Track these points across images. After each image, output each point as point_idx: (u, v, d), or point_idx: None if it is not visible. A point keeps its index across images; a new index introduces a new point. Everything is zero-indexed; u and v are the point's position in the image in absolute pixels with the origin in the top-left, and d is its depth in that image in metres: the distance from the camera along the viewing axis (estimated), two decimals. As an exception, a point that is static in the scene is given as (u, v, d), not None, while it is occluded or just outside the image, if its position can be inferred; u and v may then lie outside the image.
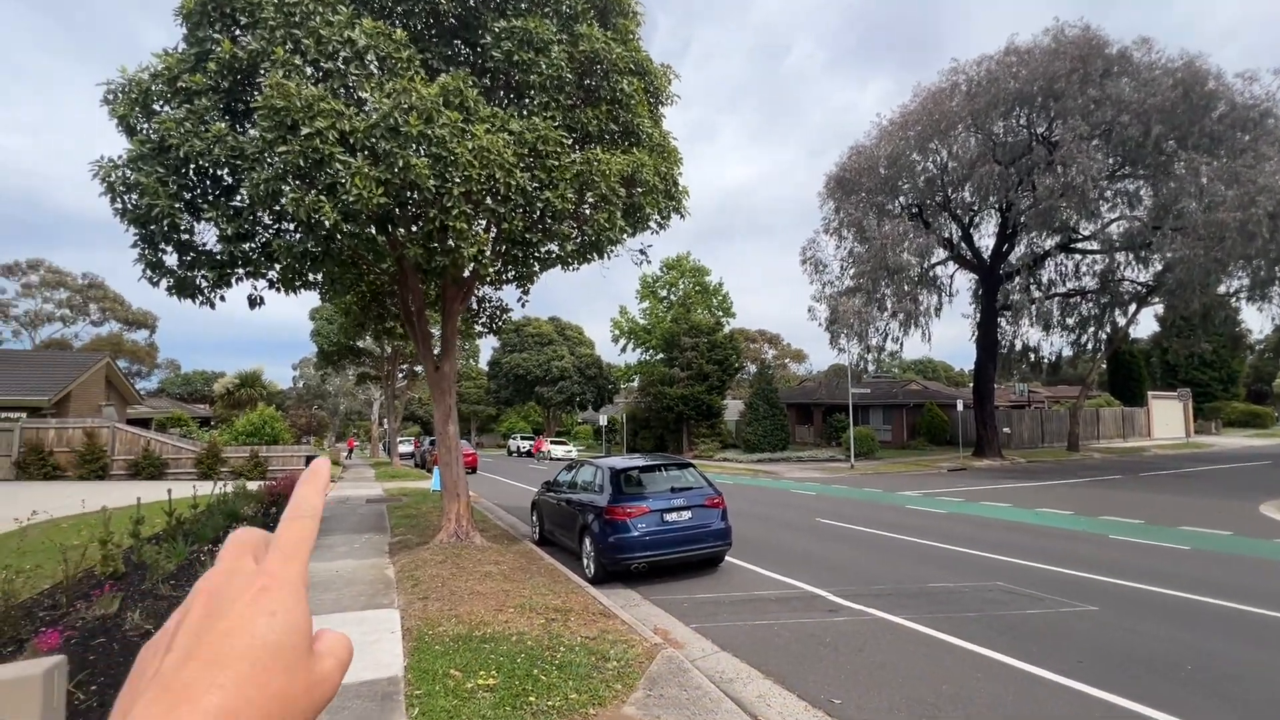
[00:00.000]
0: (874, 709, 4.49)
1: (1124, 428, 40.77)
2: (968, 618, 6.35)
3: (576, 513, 9.04)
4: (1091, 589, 7.30)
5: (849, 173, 28.36)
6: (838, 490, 18.27)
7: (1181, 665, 5.09)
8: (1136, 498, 15.32)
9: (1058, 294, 29.33)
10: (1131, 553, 9.26)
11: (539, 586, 7.35)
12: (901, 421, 36.73)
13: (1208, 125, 22.02)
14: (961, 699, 4.59)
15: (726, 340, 38.03)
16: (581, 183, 7.53)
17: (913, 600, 7.00)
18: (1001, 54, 24.86)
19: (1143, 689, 4.65)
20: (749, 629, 6.25)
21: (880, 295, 27.09)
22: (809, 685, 4.89)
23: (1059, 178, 22.58)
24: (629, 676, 4.81)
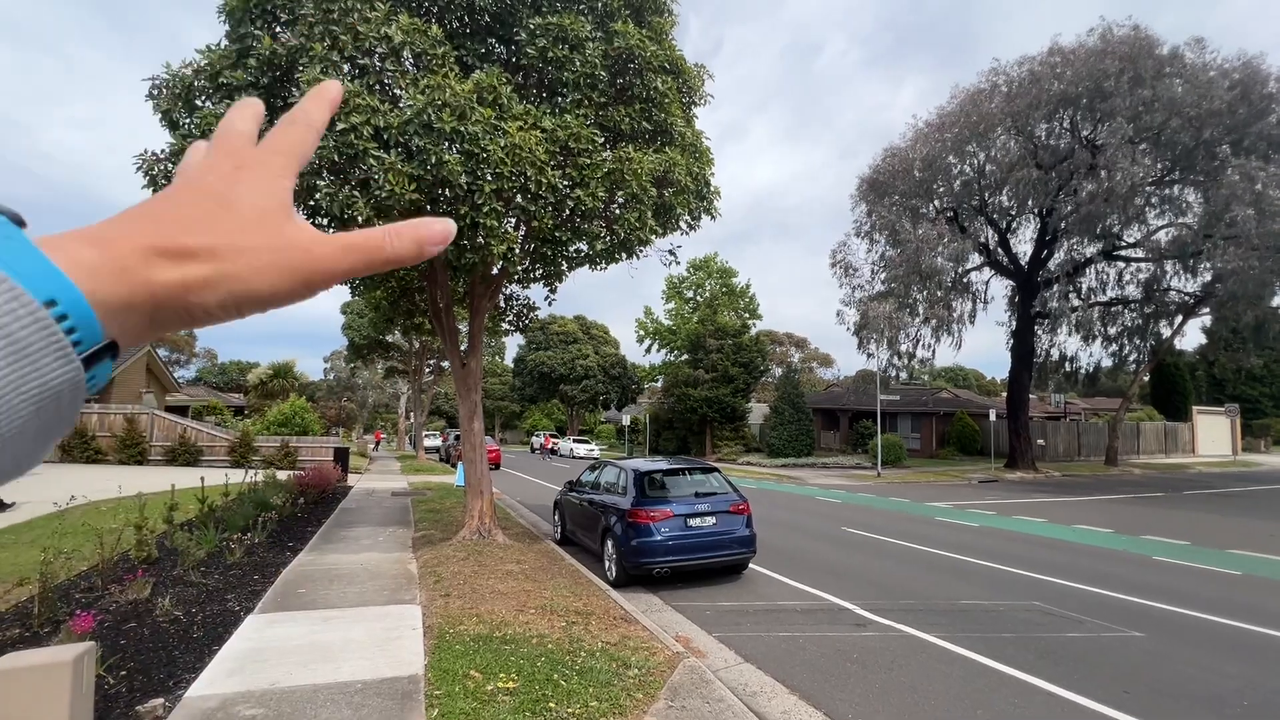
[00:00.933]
0: (905, 732, 4.32)
1: (1166, 443, 39.27)
2: (1003, 639, 6.10)
3: (599, 514, 8.97)
4: (1135, 613, 6.97)
5: (882, 175, 27.83)
6: (864, 499, 17.91)
7: (1236, 701, 4.80)
8: (1180, 517, 14.68)
9: (1098, 303, 28.36)
10: (1177, 576, 8.84)
11: (560, 588, 7.30)
12: (931, 430, 35.93)
13: (1265, 129, 21.05)
14: (998, 726, 4.38)
15: (752, 343, 37.66)
16: (612, 181, 7.46)
17: (944, 617, 6.77)
18: (1045, 54, 24.12)
19: (1195, 724, 4.38)
20: (773, 640, 6.10)
21: (912, 300, 26.52)
22: (836, 704, 4.73)
23: (1103, 183, 21.81)
24: (650, 686, 4.71)
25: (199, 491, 10.71)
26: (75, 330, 0.34)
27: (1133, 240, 25.93)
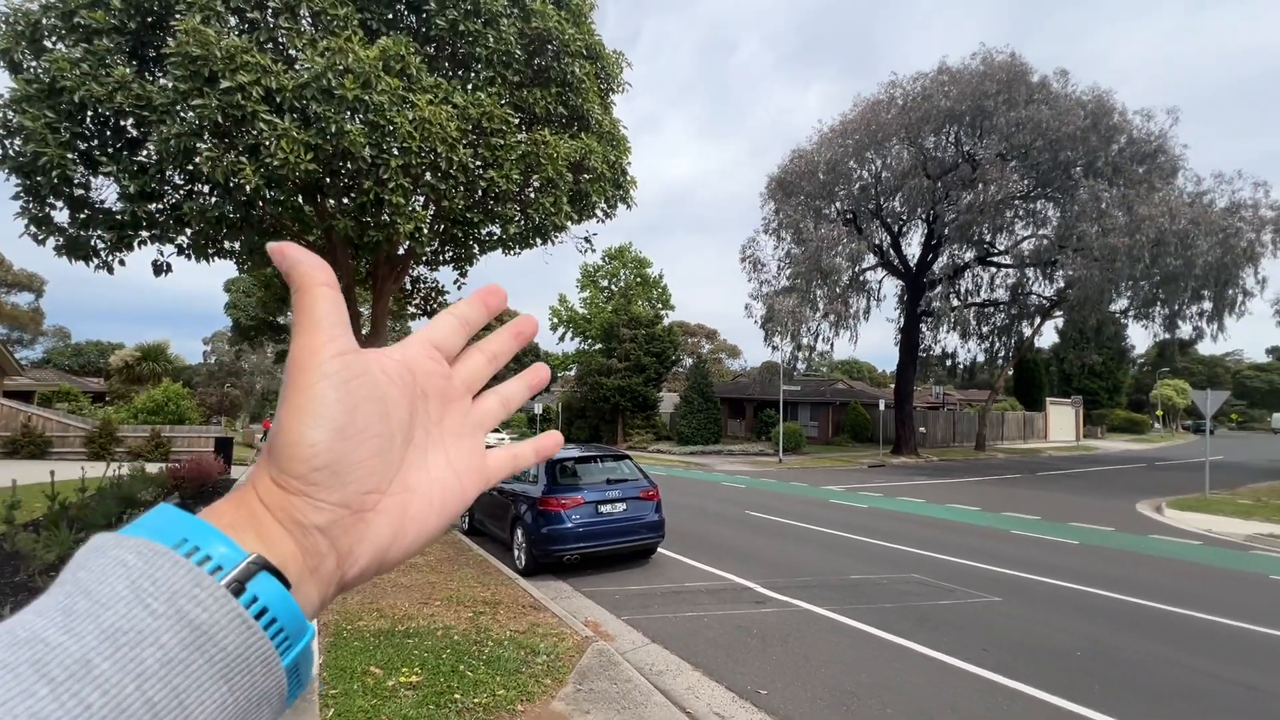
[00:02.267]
0: (798, 699, 4.63)
1: (1025, 430, 44.12)
2: (886, 609, 6.66)
3: (508, 503, 8.85)
4: (996, 580, 7.83)
5: (790, 175, 29.08)
6: (766, 484, 18.81)
7: (1072, 653, 5.53)
8: (1034, 495, 16.60)
9: (974, 304, 31.28)
10: (1029, 547, 10.01)
11: (467, 578, 7.15)
12: (828, 418, 38.24)
13: (1110, 155, 23.97)
14: (879, 687, 4.80)
15: (665, 333, 38.32)
16: (528, 164, 7.32)
17: (835, 592, 7.28)
18: (935, 73, 26.10)
19: (1038, 674, 5.01)
20: (680, 621, 6.31)
21: (813, 296, 28.00)
22: (737, 676, 4.98)
23: (979, 194, 24.02)
24: (559, 671, 4.74)
25: (47, 488, 9.47)
26: (282, 632, 0.30)
27: (1003, 248, 28.77)
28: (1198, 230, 21.27)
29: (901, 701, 4.57)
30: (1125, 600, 7.10)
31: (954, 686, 4.83)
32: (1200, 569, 8.82)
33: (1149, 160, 24.11)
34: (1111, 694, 4.70)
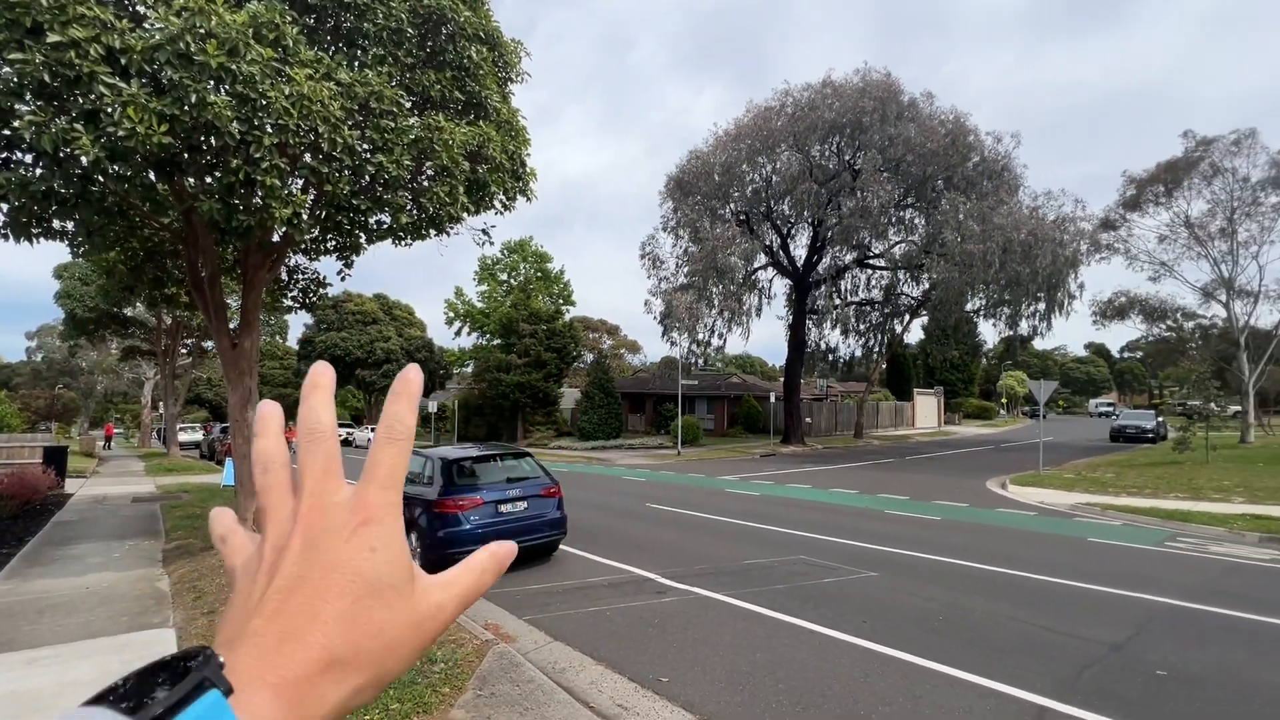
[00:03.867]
0: (698, 683, 4.80)
1: (896, 419, 48.39)
2: (777, 590, 7.06)
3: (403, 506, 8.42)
4: (872, 557, 8.55)
5: (687, 175, 29.84)
6: (666, 476, 19.26)
7: (935, 617, 6.17)
8: (904, 477, 18.27)
9: (854, 302, 33.79)
10: (900, 524, 11.01)
11: (356, 589, 6.71)
12: (723, 411, 39.78)
13: (966, 171, 26.79)
14: (772, 665, 5.08)
15: (566, 328, 38.04)
16: (420, 150, 6.96)
17: (731, 577, 7.61)
18: (820, 85, 27.83)
19: (908, 640, 5.54)
20: (582, 617, 6.32)
21: (709, 294, 28.98)
22: (639, 667, 5.08)
23: (859, 201, 25.97)
24: (458, 678, 4.59)
25: None
26: None
27: (878, 252, 31.28)
28: (1035, 240, 24.31)
29: (792, 677, 4.87)
30: (977, 567, 8.02)
31: (838, 658, 5.22)
32: (1036, 536, 10.14)
33: (997, 177, 27.19)
34: (966, 651, 5.29)
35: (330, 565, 0.37)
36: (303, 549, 0.38)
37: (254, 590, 0.37)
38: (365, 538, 0.38)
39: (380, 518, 0.39)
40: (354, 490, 0.40)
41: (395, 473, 0.41)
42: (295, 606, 0.36)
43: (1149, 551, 9.10)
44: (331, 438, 0.42)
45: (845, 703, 4.45)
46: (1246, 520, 10.81)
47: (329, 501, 0.39)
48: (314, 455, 0.41)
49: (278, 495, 0.41)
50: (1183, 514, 11.54)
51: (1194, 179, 26.02)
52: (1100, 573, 7.73)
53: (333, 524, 0.39)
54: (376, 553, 0.38)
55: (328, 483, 0.40)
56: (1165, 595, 6.79)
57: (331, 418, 0.43)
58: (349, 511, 0.39)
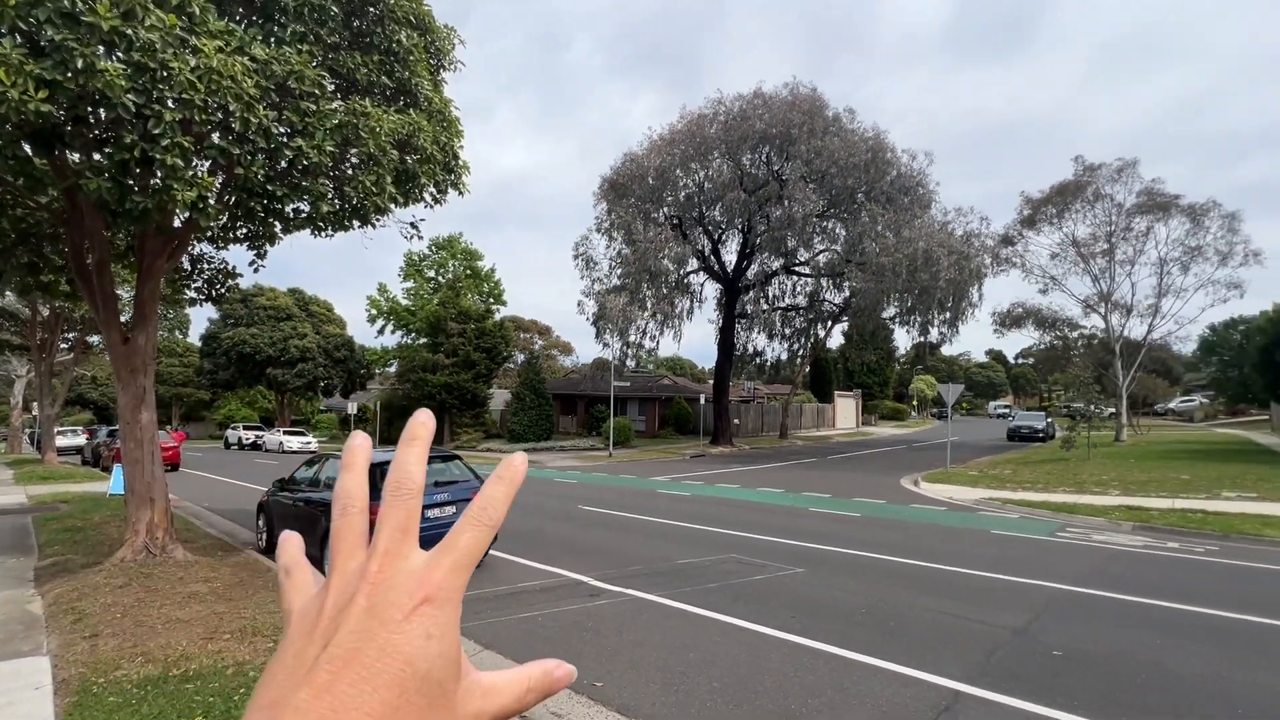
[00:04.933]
0: (633, 685, 4.77)
1: (818, 420, 50.47)
2: (709, 589, 7.15)
3: (319, 514, 7.93)
4: (799, 554, 8.83)
5: (622, 178, 29.91)
6: (597, 478, 19.17)
7: (858, 610, 6.44)
8: (826, 476, 19.05)
9: (780, 308, 34.95)
10: (824, 521, 11.46)
11: (265, 603, 6.25)
12: (654, 413, 40.11)
13: (884, 186, 28.32)
14: (705, 664, 5.13)
15: (496, 328, 37.21)
16: (345, 136, 6.57)
17: (664, 578, 7.65)
18: (752, 96, 28.63)
19: (834, 633, 5.75)
20: (513, 623, 6.16)
21: (642, 296, 29.18)
22: (574, 671, 4.99)
23: (786, 211, 26.91)
24: (382, 693, 4.34)
25: None
26: None
27: (804, 259, 32.52)
28: (944, 253, 26.01)
29: (725, 674, 4.94)
30: (895, 560, 8.45)
31: (769, 654, 5.34)
32: (946, 530, 10.82)
33: (912, 192, 28.90)
34: (887, 641, 5.55)
35: (385, 646, 0.35)
36: (364, 614, 0.36)
37: (308, 649, 0.35)
38: (424, 621, 0.36)
39: (444, 600, 0.37)
40: (425, 559, 0.38)
41: (472, 555, 0.39)
42: (344, 686, 0.33)
43: (1043, 541, 9.90)
44: (418, 496, 0.40)
45: (777, 698, 4.55)
46: (1122, 511, 11.99)
47: (400, 566, 0.37)
48: (396, 511, 0.39)
49: (350, 544, 0.39)
50: (1070, 506, 12.65)
51: (1080, 203, 28.68)
52: (1002, 562, 8.33)
53: (397, 593, 0.36)
54: (432, 641, 0.36)
55: (404, 544, 0.38)
56: (1058, 581, 7.40)
57: (423, 474, 0.41)
58: (415, 581, 0.37)
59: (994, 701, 4.43)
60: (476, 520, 0.39)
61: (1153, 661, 5.11)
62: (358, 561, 0.38)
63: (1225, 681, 4.73)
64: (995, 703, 4.41)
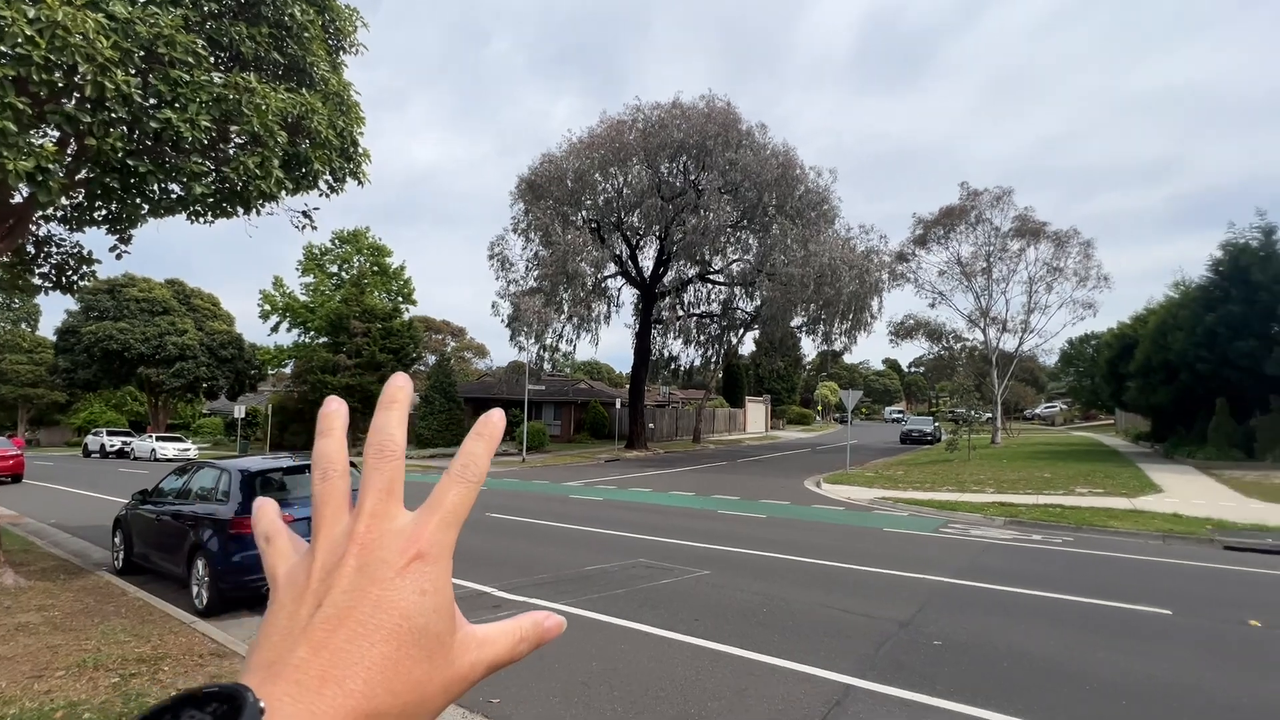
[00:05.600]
0: (532, 699, 4.60)
1: (730, 424, 51.98)
2: (617, 595, 7.09)
3: (186, 529, 7.15)
4: (706, 556, 8.96)
5: (540, 179, 29.50)
6: (509, 483, 18.68)
7: (760, 610, 6.59)
8: (735, 479, 19.58)
9: (695, 315, 35.70)
10: (732, 523, 11.73)
11: (115, 632, 5.52)
12: (570, 417, 39.75)
13: (794, 200, 29.66)
14: (608, 672, 5.05)
15: (405, 328, 35.54)
16: (225, 111, 5.98)
17: (571, 585, 7.50)
18: (670, 105, 29.13)
19: (736, 634, 5.84)
20: (408, 640, 5.79)
21: (559, 299, 28.87)
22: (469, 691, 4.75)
23: (701, 220, 27.55)
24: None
25: None
26: None
27: (718, 268, 33.43)
28: (846, 267, 27.57)
29: (628, 682, 4.88)
30: (796, 560, 8.76)
31: (672, 658, 5.33)
32: (843, 529, 11.38)
33: (818, 208, 30.44)
34: (786, 640, 5.71)
35: (379, 602, 0.35)
36: (355, 574, 0.36)
37: (300, 611, 0.36)
38: (418, 577, 0.36)
39: (435, 556, 0.38)
40: (412, 519, 0.39)
41: (458, 512, 0.39)
42: (340, 642, 0.34)
43: (928, 537, 10.63)
44: (399, 457, 0.40)
45: (678, 703, 4.54)
46: (996, 507, 13.12)
47: (387, 526, 0.38)
48: (379, 473, 0.39)
49: (334, 508, 0.39)
50: (952, 504, 13.70)
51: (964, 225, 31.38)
52: (893, 558, 8.85)
53: (387, 552, 0.37)
54: (426, 597, 0.36)
55: (389, 505, 0.38)
56: (940, 575, 7.94)
57: (403, 436, 0.41)
58: (405, 540, 0.37)
59: (880, 693, 4.64)
60: (460, 477, 0.40)
61: (1016, 645, 5.56)
62: (343, 525, 0.38)
63: (1076, 660, 5.22)
64: (881, 694, 4.63)
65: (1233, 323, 20.32)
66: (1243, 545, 9.74)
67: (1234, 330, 20.27)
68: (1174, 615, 6.37)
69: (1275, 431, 19.54)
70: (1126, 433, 34.44)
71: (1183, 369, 21.96)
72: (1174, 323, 22.79)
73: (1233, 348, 20.21)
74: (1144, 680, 4.84)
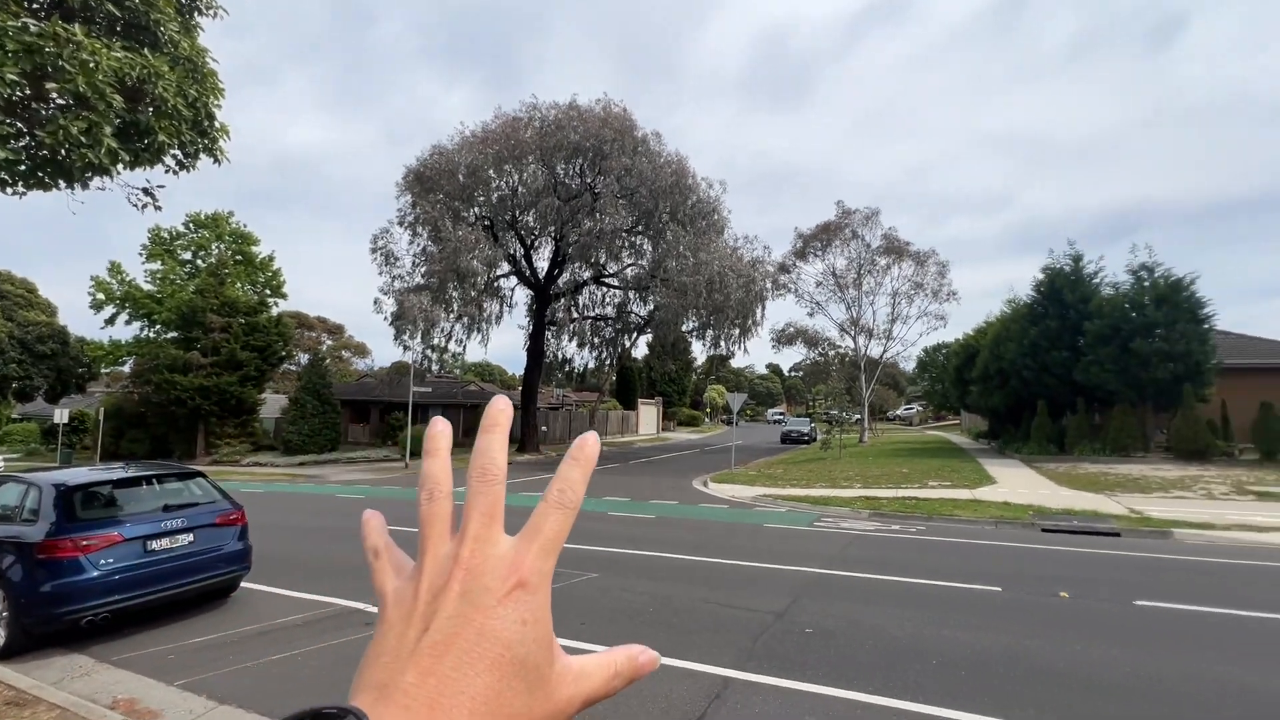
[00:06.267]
0: None
1: (623, 426, 52.53)
2: (502, 603, 6.88)
3: (-15, 554, 6.03)
4: (594, 558, 8.96)
5: (430, 171, 28.19)
6: (390, 491, 17.61)
7: (646, 610, 6.69)
8: (626, 480, 19.80)
9: (590, 317, 35.72)
10: (621, 524, 11.83)
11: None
12: (459, 420, 38.22)
13: (687, 209, 30.58)
14: (490, 683, 4.88)
15: (273, 324, 32.44)
16: (39, 64, 5.12)
17: (454, 595, 7.18)
18: (566, 106, 28.98)
19: (622, 636, 5.88)
20: (265, 668, 5.26)
21: (449, 297, 27.71)
22: (335, 715, 4.39)
23: (597, 223, 27.65)
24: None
25: None
26: None
27: (613, 272, 33.70)
28: (734, 276, 28.85)
29: (510, 692, 4.74)
30: (682, 558, 9.00)
31: (557, 664, 5.25)
32: (727, 526, 11.85)
33: (709, 217, 31.59)
34: (670, 637, 5.83)
35: (483, 630, 0.36)
36: (459, 599, 0.37)
37: (408, 632, 0.37)
38: (519, 606, 0.37)
39: (536, 585, 0.38)
40: (512, 544, 0.40)
41: (557, 540, 0.40)
42: (447, 669, 0.35)
43: (803, 531, 11.35)
44: (501, 482, 0.42)
45: (561, 709, 4.48)
46: (862, 501, 14.28)
47: (490, 551, 0.39)
48: (483, 497, 0.41)
49: (439, 529, 0.41)
50: (824, 499, 14.73)
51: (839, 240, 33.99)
52: (772, 552, 9.34)
53: (490, 579, 0.38)
54: (528, 627, 0.37)
55: (491, 529, 0.40)
56: (812, 566, 8.50)
57: (505, 460, 0.42)
58: (507, 566, 0.38)
59: (757, 683, 4.87)
60: (558, 504, 0.41)
61: (877, 627, 6.07)
62: (448, 547, 0.39)
63: (926, 638, 5.79)
64: (758, 684, 4.85)
65: (1050, 336, 23.65)
66: (1056, 527, 11.32)
67: (1051, 342, 23.60)
68: (1003, 591, 7.26)
69: (1081, 429, 22.95)
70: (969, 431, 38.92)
71: (1013, 375, 25.20)
72: (1006, 335, 26.08)
73: (1050, 357, 23.52)
74: (979, 651, 5.46)
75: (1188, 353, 20.47)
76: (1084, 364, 22.36)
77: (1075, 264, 24.18)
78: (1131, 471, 18.03)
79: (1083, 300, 23.13)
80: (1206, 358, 20.74)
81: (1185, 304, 20.99)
